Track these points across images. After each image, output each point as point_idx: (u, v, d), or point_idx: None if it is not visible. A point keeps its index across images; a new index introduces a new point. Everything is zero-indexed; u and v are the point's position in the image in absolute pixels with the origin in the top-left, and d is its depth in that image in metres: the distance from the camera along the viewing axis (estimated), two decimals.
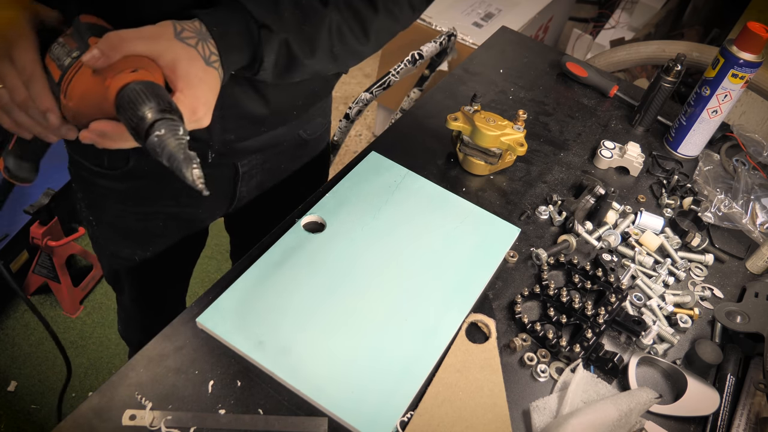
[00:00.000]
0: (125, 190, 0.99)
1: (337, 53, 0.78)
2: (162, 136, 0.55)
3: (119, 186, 0.98)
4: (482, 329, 0.84)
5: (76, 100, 0.61)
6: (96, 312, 2.01)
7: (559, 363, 0.81)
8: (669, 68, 1.16)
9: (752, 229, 1.04)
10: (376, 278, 0.85)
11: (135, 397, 0.70)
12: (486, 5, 2.39)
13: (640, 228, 1.02)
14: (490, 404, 0.74)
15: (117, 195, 1.00)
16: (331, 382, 0.73)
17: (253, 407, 0.71)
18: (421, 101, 1.22)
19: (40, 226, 1.80)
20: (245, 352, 0.74)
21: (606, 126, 1.25)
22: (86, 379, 1.84)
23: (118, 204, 1.01)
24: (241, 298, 0.80)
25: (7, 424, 1.71)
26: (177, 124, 0.56)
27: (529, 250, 0.95)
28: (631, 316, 0.87)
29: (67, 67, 0.62)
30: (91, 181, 0.98)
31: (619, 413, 0.72)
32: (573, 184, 1.10)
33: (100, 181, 0.97)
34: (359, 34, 0.80)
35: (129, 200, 1.01)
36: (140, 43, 0.60)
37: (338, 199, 0.95)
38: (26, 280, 1.95)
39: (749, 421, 0.78)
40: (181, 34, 0.63)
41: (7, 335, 1.90)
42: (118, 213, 1.03)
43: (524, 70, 1.36)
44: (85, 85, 0.61)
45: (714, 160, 1.18)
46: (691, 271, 0.97)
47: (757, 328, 0.86)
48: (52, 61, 0.64)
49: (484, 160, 1.05)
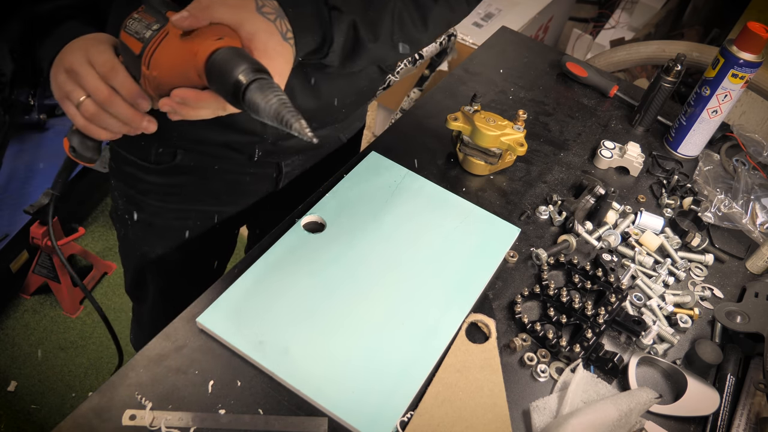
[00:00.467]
0: (168, 185, 1.00)
1: (397, 40, 0.80)
2: (264, 94, 0.56)
3: (163, 181, 0.99)
4: (482, 329, 0.84)
5: (161, 69, 0.62)
6: (96, 312, 2.01)
7: (559, 363, 0.81)
8: (669, 68, 1.16)
9: (752, 229, 1.04)
10: (376, 278, 0.85)
11: (135, 397, 0.70)
12: (486, 5, 2.38)
13: (640, 228, 1.02)
14: (490, 404, 0.74)
15: (159, 191, 1.01)
16: (331, 382, 0.73)
17: (253, 407, 0.71)
18: (421, 101, 1.22)
19: (40, 226, 1.80)
20: (245, 352, 0.74)
21: (606, 126, 1.25)
22: (86, 379, 1.84)
23: (158, 201, 1.02)
24: (241, 298, 0.80)
25: (7, 424, 1.71)
26: (272, 82, 0.58)
27: (529, 250, 0.95)
28: (631, 316, 0.87)
29: (149, 39, 0.62)
30: (134, 175, 0.99)
31: (619, 413, 0.72)
32: (573, 184, 1.10)
33: (144, 176, 0.98)
34: (418, 22, 0.82)
35: (170, 197, 1.02)
36: (225, 10, 0.62)
37: (338, 199, 0.95)
38: (26, 280, 1.95)
39: (749, 421, 0.78)
40: (262, 8, 0.65)
41: (7, 335, 1.90)
42: (157, 210, 1.04)
43: (524, 70, 1.36)
44: (171, 53, 0.61)
45: (714, 160, 1.18)
46: (691, 271, 0.97)
47: (757, 328, 0.86)
48: (130, 36, 0.64)
49: (484, 160, 1.05)
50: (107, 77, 0.65)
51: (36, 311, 1.97)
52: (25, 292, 1.99)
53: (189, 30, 0.61)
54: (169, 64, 0.62)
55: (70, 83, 0.67)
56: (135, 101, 0.65)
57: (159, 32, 0.62)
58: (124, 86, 0.65)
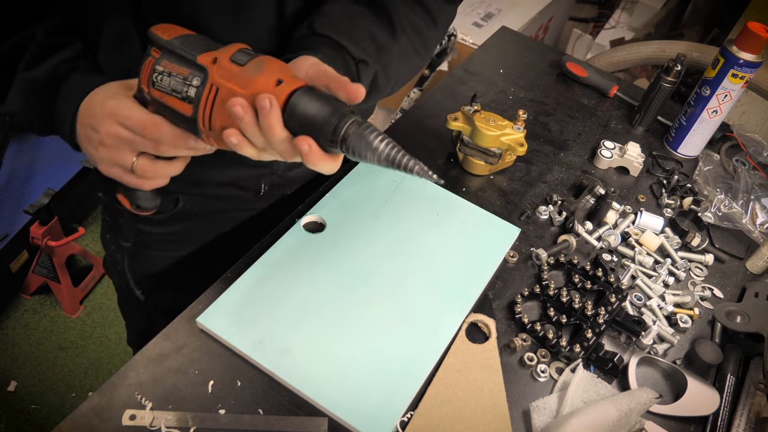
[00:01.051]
0: (169, 234, 0.96)
1: (400, 80, 0.82)
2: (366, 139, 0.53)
3: (163, 230, 0.95)
4: (482, 329, 0.84)
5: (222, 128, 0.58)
6: (96, 312, 2.01)
7: (559, 363, 0.81)
8: (669, 68, 1.16)
9: (752, 229, 1.04)
10: (376, 278, 0.85)
11: (135, 397, 0.70)
12: (486, 5, 2.38)
13: (640, 228, 1.02)
14: (490, 404, 0.74)
15: (158, 239, 0.96)
16: (331, 382, 0.73)
17: (253, 407, 0.71)
18: (421, 101, 1.22)
19: (40, 226, 1.80)
20: (245, 352, 0.74)
21: (606, 126, 1.25)
22: (86, 379, 1.84)
23: (158, 251, 0.98)
24: (241, 298, 0.80)
25: (7, 424, 1.71)
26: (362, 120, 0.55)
27: (529, 250, 0.95)
28: (631, 316, 0.87)
29: (197, 99, 0.58)
30: (132, 227, 0.93)
31: (619, 413, 0.72)
32: (573, 184, 1.10)
33: (143, 227, 0.93)
34: (422, 53, 0.82)
35: (171, 244, 0.98)
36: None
37: (338, 199, 0.95)
38: (26, 280, 1.95)
39: (749, 421, 0.78)
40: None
41: (7, 335, 1.90)
42: (156, 260, 0.99)
43: (524, 70, 1.36)
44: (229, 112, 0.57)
45: (714, 160, 1.18)
46: (691, 271, 0.97)
47: (757, 328, 0.86)
48: (169, 96, 0.60)
49: (484, 160, 1.05)
50: (152, 135, 0.62)
51: (36, 311, 1.97)
52: (25, 292, 1.99)
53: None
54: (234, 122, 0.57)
55: (114, 152, 0.64)
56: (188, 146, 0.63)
57: (205, 88, 0.58)
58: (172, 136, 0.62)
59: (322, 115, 0.54)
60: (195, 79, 0.58)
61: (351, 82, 0.57)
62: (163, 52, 0.61)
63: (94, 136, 0.64)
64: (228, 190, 0.93)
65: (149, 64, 0.61)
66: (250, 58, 0.58)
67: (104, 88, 0.66)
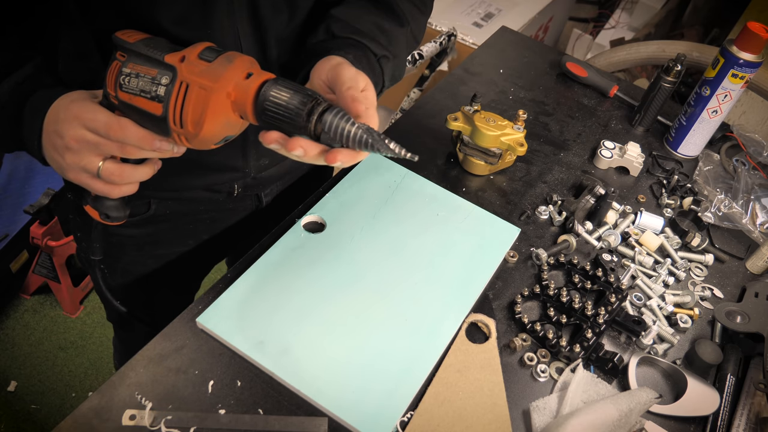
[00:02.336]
0: (143, 236, 0.95)
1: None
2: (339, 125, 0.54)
3: (137, 232, 0.95)
4: (482, 329, 0.84)
5: (196, 123, 0.58)
6: (96, 312, 2.01)
7: (559, 363, 0.81)
8: (669, 68, 1.16)
9: (752, 229, 1.04)
10: (376, 278, 0.85)
11: (135, 397, 0.70)
12: (486, 5, 2.38)
13: (640, 228, 1.02)
14: (490, 404, 0.74)
15: (134, 242, 0.96)
16: (331, 382, 0.73)
17: (253, 407, 0.71)
18: (421, 101, 1.22)
19: (40, 226, 1.80)
20: (245, 352, 0.74)
21: (606, 126, 1.25)
22: (86, 379, 1.84)
23: (134, 251, 0.98)
24: (241, 298, 0.80)
25: (7, 424, 1.71)
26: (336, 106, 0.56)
27: (529, 250, 0.95)
28: (631, 316, 0.87)
29: (166, 97, 0.58)
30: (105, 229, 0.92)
31: (619, 413, 0.72)
32: (573, 184, 1.10)
33: (116, 230, 0.91)
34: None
35: (147, 246, 0.98)
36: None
37: (338, 199, 0.95)
38: (26, 280, 1.95)
39: (749, 421, 0.78)
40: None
41: (7, 335, 1.90)
42: (133, 260, 0.99)
43: (524, 70, 1.36)
44: (201, 104, 0.57)
45: (714, 160, 1.18)
46: (691, 271, 0.97)
47: (757, 328, 0.86)
48: (137, 96, 0.60)
49: (484, 160, 1.05)
50: (117, 136, 0.61)
51: (36, 311, 1.97)
52: (25, 292, 1.99)
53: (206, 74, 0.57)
54: (206, 116, 0.57)
55: (79, 157, 0.63)
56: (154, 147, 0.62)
57: (174, 86, 0.58)
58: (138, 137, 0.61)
59: (292, 104, 0.55)
60: (164, 78, 0.59)
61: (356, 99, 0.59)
62: (130, 55, 0.61)
63: (59, 142, 0.64)
64: (201, 194, 0.93)
65: (115, 67, 0.61)
66: (218, 54, 0.59)
67: (69, 95, 0.65)
